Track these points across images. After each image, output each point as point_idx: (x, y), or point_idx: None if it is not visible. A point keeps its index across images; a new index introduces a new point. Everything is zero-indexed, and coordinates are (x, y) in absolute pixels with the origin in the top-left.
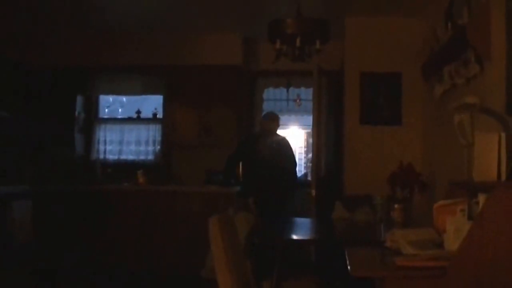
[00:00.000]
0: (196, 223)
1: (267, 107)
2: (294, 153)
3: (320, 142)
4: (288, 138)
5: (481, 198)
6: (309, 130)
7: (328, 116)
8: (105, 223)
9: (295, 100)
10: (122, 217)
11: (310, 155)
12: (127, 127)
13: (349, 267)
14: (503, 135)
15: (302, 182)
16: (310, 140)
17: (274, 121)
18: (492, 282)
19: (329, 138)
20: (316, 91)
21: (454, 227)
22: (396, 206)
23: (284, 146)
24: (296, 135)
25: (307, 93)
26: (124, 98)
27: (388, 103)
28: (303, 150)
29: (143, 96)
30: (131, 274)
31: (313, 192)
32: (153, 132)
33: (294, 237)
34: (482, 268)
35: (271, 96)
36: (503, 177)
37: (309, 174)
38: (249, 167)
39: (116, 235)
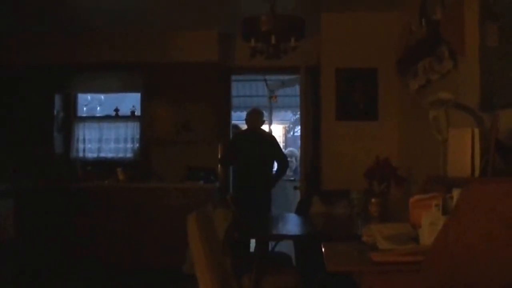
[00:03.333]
0: (176, 219)
1: (243, 103)
2: (281, 147)
3: (307, 137)
4: (274, 135)
5: (456, 193)
6: (286, 125)
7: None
8: (86, 221)
9: (271, 97)
10: (103, 214)
11: (287, 150)
12: (106, 125)
13: (325, 262)
14: (476, 130)
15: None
16: (289, 135)
17: (258, 117)
18: (466, 276)
19: (308, 134)
20: (303, 87)
21: (429, 222)
22: (373, 200)
23: (270, 142)
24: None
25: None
26: (102, 96)
27: (364, 98)
28: (281, 145)
29: (121, 94)
30: (113, 270)
31: (300, 187)
32: (132, 130)
33: (272, 232)
34: (456, 262)
35: (247, 92)
36: (477, 172)
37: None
38: (234, 163)
39: (97, 232)
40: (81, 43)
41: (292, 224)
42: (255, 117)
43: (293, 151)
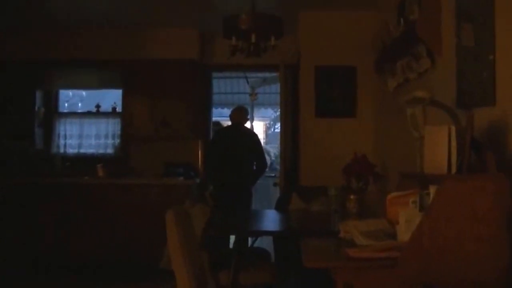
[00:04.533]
0: (155, 214)
1: (224, 100)
2: (262, 147)
3: (286, 134)
4: (256, 133)
5: (432, 189)
6: (267, 122)
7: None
8: (64, 217)
9: (250, 94)
10: (83, 210)
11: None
12: (87, 121)
13: (303, 258)
14: (452, 128)
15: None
16: (269, 132)
17: (242, 114)
18: (441, 272)
19: (287, 131)
20: (283, 85)
21: (406, 218)
22: (351, 197)
23: (252, 139)
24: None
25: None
26: (83, 93)
27: (342, 96)
28: (262, 141)
29: (103, 90)
30: (92, 266)
31: (280, 183)
32: (113, 126)
33: (251, 228)
34: (432, 258)
35: (228, 89)
36: (453, 169)
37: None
38: (215, 159)
39: (76, 228)
40: (62, 39)
41: (271, 220)
42: (240, 114)
43: (266, 148)
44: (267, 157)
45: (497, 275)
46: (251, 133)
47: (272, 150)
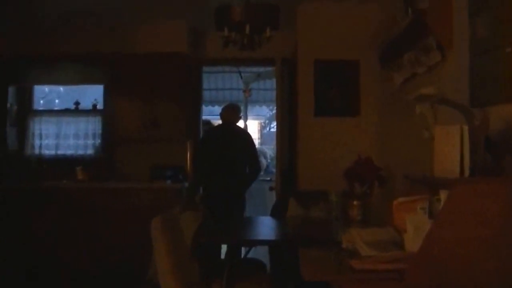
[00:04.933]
0: (141, 221)
1: (215, 97)
2: (256, 148)
3: (283, 134)
4: (249, 133)
5: (443, 195)
6: (262, 121)
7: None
8: (42, 224)
9: (244, 91)
10: (60, 217)
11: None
12: (65, 119)
13: (301, 270)
14: (465, 127)
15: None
16: (264, 131)
17: (234, 112)
18: (453, 285)
19: (283, 130)
20: (279, 80)
21: (414, 226)
22: (353, 203)
23: (244, 140)
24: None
25: (257, 84)
26: (61, 88)
27: (344, 93)
28: (256, 142)
29: (82, 86)
30: (72, 276)
31: (276, 188)
32: (93, 125)
33: (244, 237)
34: (443, 269)
35: (220, 85)
36: (466, 173)
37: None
38: (204, 161)
39: (55, 237)
40: (39, 32)
41: (266, 228)
42: (231, 112)
43: (262, 149)
44: (262, 159)
45: None
46: (244, 133)
47: (268, 152)
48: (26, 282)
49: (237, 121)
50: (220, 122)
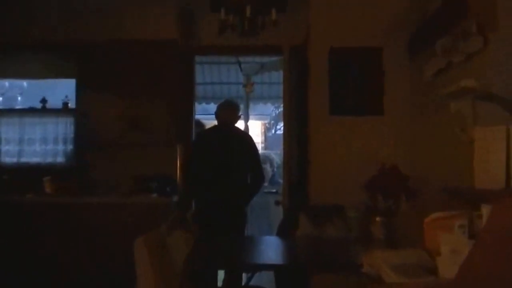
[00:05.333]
0: (122, 244)
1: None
2: (259, 154)
3: (292, 137)
4: (251, 135)
5: (485, 210)
6: (266, 121)
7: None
8: (2, 245)
9: (246, 85)
10: (24, 237)
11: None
12: (29, 120)
13: None
14: None
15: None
16: (269, 134)
17: (232, 112)
18: None
19: (292, 133)
20: (287, 73)
21: (451, 248)
22: (376, 219)
23: (245, 144)
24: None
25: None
26: (24, 83)
27: (365, 87)
28: (259, 146)
29: (50, 81)
30: None
31: (283, 201)
32: (64, 127)
33: (246, 261)
34: None
35: (216, 79)
36: None
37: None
38: (197, 170)
39: (19, 259)
40: None
41: (272, 250)
42: (229, 111)
43: (268, 154)
44: (266, 167)
45: None
46: (244, 136)
47: (274, 158)
48: None
49: (236, 122)
50: (215, 123)
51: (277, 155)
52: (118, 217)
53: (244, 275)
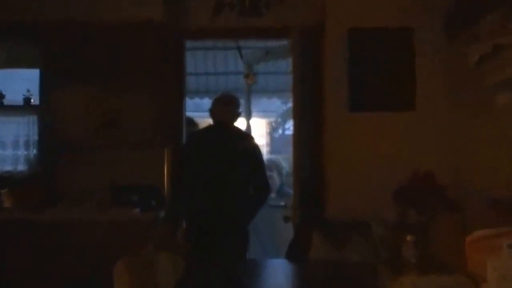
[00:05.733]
0: (97, 268)
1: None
2: (263, 159)
3: (303, 138)
4: (253, 136)
5: None
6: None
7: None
8: None
9: (247, 75)
10: None
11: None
12: None
13: None
14: None
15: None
16: (275, 135)
17: (231, 108)
18: None
19: (304, 133)
20: (297, 60)
21: (499, 274)
22: (408, 238)
23: (246, 147)
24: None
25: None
26: None
27: (392, 77)
28: (264, 150)
29: (8, 71)
30: None
31: (293, 217)
32: (26, 128)
33: None
34: None
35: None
36: None
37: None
38: (189, 179)
39: None
40: None
41: (279, 276)
42: (226, 107)
43: (275, 159)
44: (273, 175)
45: None
46: (245, 138)
47: (283, 164)
48: None
49: (235, 120)
50: (210, 121)
51: (285, 160)
52: (92, 237)
53: None
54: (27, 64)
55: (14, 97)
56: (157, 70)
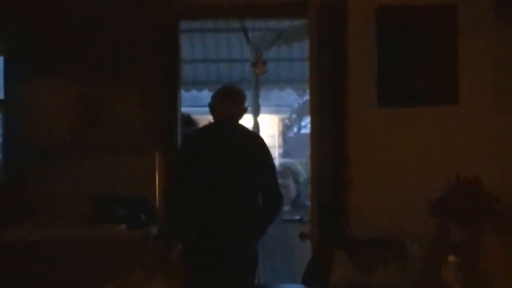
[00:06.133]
0: None
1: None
2: (274, 164)
3: (324, 139)
4: (261, 136)
5: None
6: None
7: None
8: None
9: (256, 63)
10: None
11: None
12: None
13: None
14: None
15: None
16: (289, 134)
17: (235, 103)
18: None
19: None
20: (315, 44)
21: None
22: (449, 258)
23: (254, 150)
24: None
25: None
26: None
27: (431, 64)
28: (276, 152)
29: None
30: None
31: (311, 233)
32: None
33: None
34: None
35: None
36: None
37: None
38: (185, 189)
39: None
40: None
41: None
42: (230, 102)
43: (290, 164)
44: (288, 183)
45: None
46: (252, 138)
47: (300, 169)
48: None
49: (241, 118)
50: (211, 119)
51: (302, 165)
52: (69, 260)
53: None
54: None
55: None
56: (147, 57)
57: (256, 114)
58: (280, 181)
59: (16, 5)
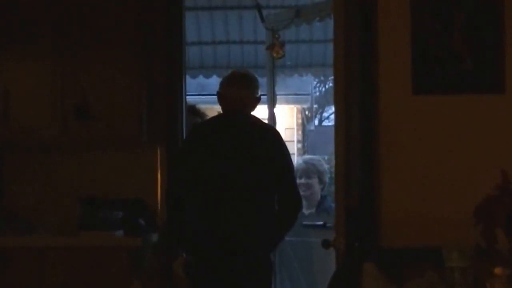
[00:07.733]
0: None
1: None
2: (292, 161)
3: (351, 133)
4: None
5: None
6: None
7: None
8: None
9: (269, 46)
10: None
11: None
12: None
13: None
14: None
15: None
16: (309, 127)
17: (247, 91)
18: None
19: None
20: (339, 24)
21: None
22: (496, 270)
23: (269, 146)
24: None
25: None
26: None
27: (473, 46)
28: (294, 147)
29: None
30: None
31: (336, 241)
32: None
33: None
34: None
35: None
36: None
37: (304, 201)
38: (190, 190)
39: None
40: None
41: None
42: (241, 90)
43: (315, 162)
44: (312, 184)
45: None
46: (267, 132)
47: (324, 167)
48: None
49: (254, 108)
50: (219, 109)
51: (324, 163)
52: (57, 268)
53: None
54: None
55: None
56: (145, 38)
57: (271, 104)
58: (303, 180)
59: None
